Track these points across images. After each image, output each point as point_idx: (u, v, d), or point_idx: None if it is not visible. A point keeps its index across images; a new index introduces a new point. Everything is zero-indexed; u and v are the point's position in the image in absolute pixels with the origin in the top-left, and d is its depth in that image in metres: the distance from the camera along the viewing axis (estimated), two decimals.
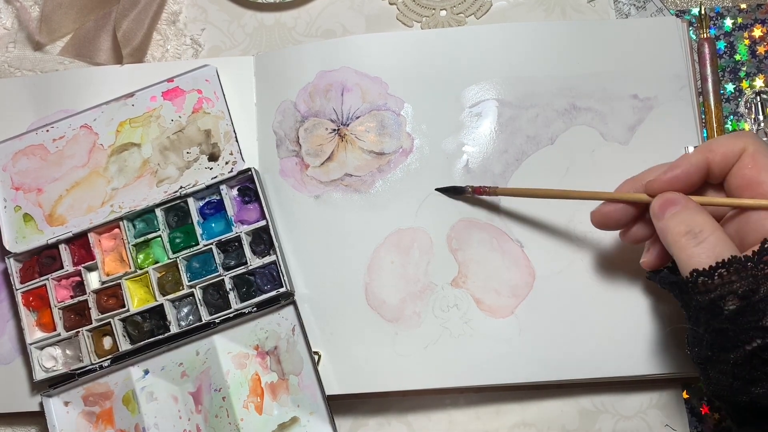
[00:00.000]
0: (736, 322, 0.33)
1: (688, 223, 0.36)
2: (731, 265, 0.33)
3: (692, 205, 0.37)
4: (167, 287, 0.50)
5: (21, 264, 0.51)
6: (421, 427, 0.50)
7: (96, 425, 0.50)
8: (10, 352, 0.52)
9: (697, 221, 0.36)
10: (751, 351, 0.33)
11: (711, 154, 0.38)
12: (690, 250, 0.35)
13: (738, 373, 0.34)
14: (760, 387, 0.33)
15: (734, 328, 0.33)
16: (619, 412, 0.49)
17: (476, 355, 0.48)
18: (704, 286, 0.34)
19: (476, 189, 0.48)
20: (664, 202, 0.38)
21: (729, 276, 0.33)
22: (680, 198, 0.37)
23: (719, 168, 0.38)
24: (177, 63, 0.55)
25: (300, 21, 0.56)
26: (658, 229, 0.38)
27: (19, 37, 0.58)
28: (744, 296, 0.33)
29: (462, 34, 0.52)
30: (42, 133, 0.52)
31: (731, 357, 0.34)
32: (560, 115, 0.50)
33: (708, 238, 0.35)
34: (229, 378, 0.49)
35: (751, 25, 0.53)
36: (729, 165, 0.38)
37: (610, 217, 0.41)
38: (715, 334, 0.34)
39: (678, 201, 0.37)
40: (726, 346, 0.34)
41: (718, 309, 0.34)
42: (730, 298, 0.33)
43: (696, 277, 0.34)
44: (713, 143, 0.38)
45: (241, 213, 0.50)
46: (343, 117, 0.51)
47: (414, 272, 0.49)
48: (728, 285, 0.33)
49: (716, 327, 0.34)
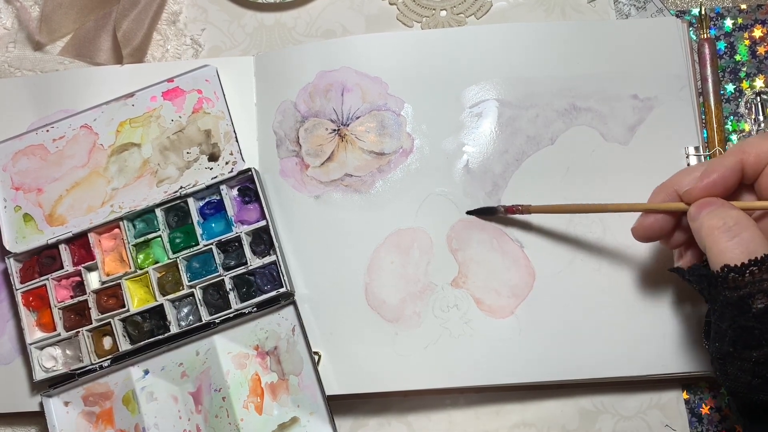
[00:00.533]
0: (763, 320, 0.33)
1: (723, 217, 0.36)
2: (764, 263, 0.33)
3: (727, 203, 0.37)
4: (167, 287, 0.50)
5: (21, 264, 0.51)
6: (421, 427, 0.50)
7: (96, 425, 0.50)
8: (10, 352, 0.52)
9: (732, 216, 0.36)
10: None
11: (744, 156, 0.38)
12: (723, 244, 0.35)
13: (759, 372, 0.34)
14: None
15: (761, 326, 0.33)
16: (619, 412, 0.49)
17: (476, 355, 0.48)
18: (734, 282, 0.34)
19: (509, 208, 0.47)
20: (700, 204, 0.38)
21: (760, 274, 0.33)
22: (716, 200, 0.37)
23: (753, 169, 0.38)
24: (177, 63, 0.55)
25: (300, 21, 0.56)
26: (694, 229, 0.37)
27: (19, 37, 0.58)
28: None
29: (462, 35, 0.52)
30: (42, 133, 0.52)
31: (754, 355, 0.34)
32: (560, 116, 0.50)
33: (742, 234, 0.35)
34: (229, 378, 0.49)
35: (752, 25, 0.53)
36: (762, 165, 0.37)
37: (653, 229, 0.41)
38: (740, 331, 0.34)
39: (714, 202, 0.37)
40: (750, 344, 0.34)
41: (746, 306, 0.34)
42: (760, 296, 0.33)
43: (727, 272, 0.34)
44: (745, 144, 0.38)
45: (241, 213, 0.50)
46: (343, 117, 0.51)
47: (414, 272, 0.49)
48: (759, 283, 0.33)
49: (742, 324, 0.34)
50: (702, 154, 0.49)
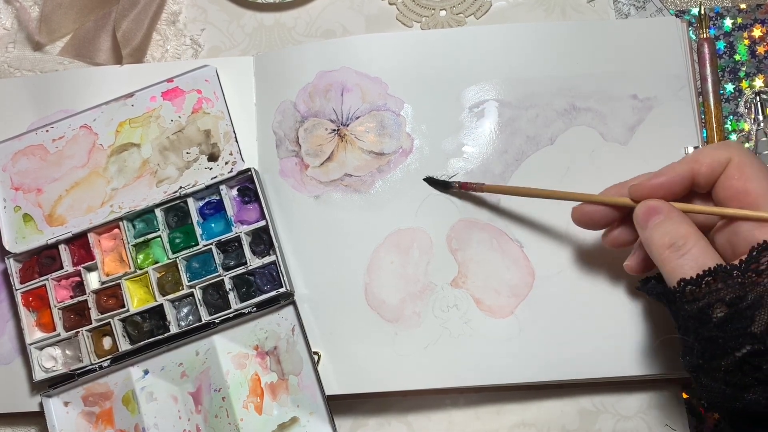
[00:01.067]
0: (724, 329, 0.33)
1: (672, 234, 0.36)
2: (717, 273, 0.34)
3: (675, 214, 0.37)
4: (167, 287, 0.50)
5: (21, 264, 0.51)
6: (421, 427, 0.50)
7: (96, 425, 0.50)
8: (10, 352, 0.52)
9: (680, 232, 0.36)
10: (741, 357, 0.33)
11: (697, 165, 0.38)
12: (674, 263, 0.36)
13: (730, 380, 0.34)
14: (753, 393, 0.33)
15: (723, 335, 0.34)
16: (619, 412, 0.49)
17: (476, 355, 0.48)
18: (692, 295, 0.34)
19: (462, 185, 0.48)
20: (647, 210, 0.38)
21: (716, 284, 0.34)
22: (663, 206, 0.38)
23: (705, 179, 0.38)
24: (177, 63, 0.55)
25: (300, 21, 0.56)
26: (643, 238, 0.38)
27: (18, 37, 0.58)
28: (731, 303, 0.33)
29: (462, 35, 0.52)
30: (42, 133, 0.52)
31: (722, 364, 0.34)
32: (560, 116, 0.50)
33: (691, 250, 0.35)
34: (229, 378, 0.49)
35: (751, 25, 0.53)
36: (715, 176, 0.38)
37: (590, 217, 0.42)
38: (705, 342, 0.34)
39: (661, 209, 0.37)
40: (716, 354, 0.34)
41: (706, 317, 0.34)
42: (718, 305, 0.34)
43: (683, 286, 0.34)
44: (699, 154, 0.38)
45: (240, 213, 0.50)
46: (342, 117, 0.51)
47: (414, 272, 0.49)
48: (715, 293, 0.34)
49: (705, 335, 0.34)
50: None
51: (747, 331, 0.33)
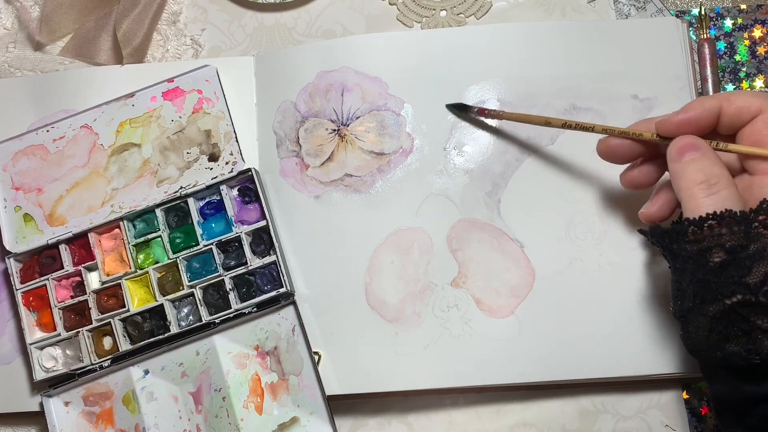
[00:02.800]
0: (720, 274, 0.34)
1: (706, 172, 0.35)
2: (722, 218, 0.34)
3: (712, 154, 0.36)
4: (167, 287, 0.50)
5: (21, 264, 0.51)
6: (421, 427, 0.50)
7: (96, 425, 0.50)
8: (10, 352, 0.52)
9: (715, 172, 0.35)
10: (730, 305, 0.33)
11: (726, 104, 0.37)
12: (700, 200, 0.35)
13: (715, 327, 0.34)
14: (735, 344, 0.34)
15: (717, 280, 0.34)
16: (619, 412, 0.49)
17: (476, 355, 0.48)
18: (693, 236, 0.34)
19: (481, 110, 0.49)
20: (684, 146, 0.37)
21: (719, 228, 0.34)
22: (702, 144, 0.37)
23: (730, 120, 0.37)
24: (177, 63, 0.55)
25: (300, 21, 0.56)
26: (673, 171, 0.37)
27: (19, 37, 0.58)
28: (730, 250, 0.33)
29: (462, 34, 0.52)
30: (42, 133, 0.52)
31: (710, 309, 0.34)
32: (560, 115, 0.50)
33: (721, 191, 0.35)
34: (229, 378, 0.49)
35: (751, 25, 0.53)
36: (742, 121, 0.37)
37: (614, 151, 0.42)
38: (698, 285, 0.35)
39: (699, 146, 0.37)
40: (707, 298, 0.34)
41: (703, 260, 0.34)
42: (717, 250, 0.34)
43: (687, 225, 0.35)
44: (732, 94, 0.37)
45: (241, 213, 0.50)
46: (343, 117, 0.51)
47: (414, 272, 0.49)
48: (717, 237, 0.34)
49: (700, 278, 0.34)
50: None
51: (742, 281, 0.33)
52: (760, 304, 0.33)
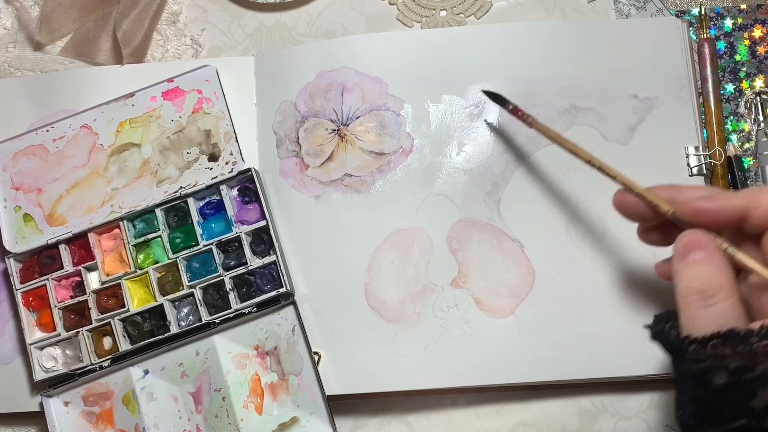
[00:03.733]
0: (723, 397, 0.32)
1: (705, 280, 0.33)
2: (726, 338, 0.31)
3: (717, 257, 0.34)
4: (167, 287, 0.50)
5: (21, 264, 0.51)
6: (421, 427, 0.50)
7: (96, 425, 0.50)
8: (10, 352, 0.52)
9: (714, 282, 0.33)
10: (733, 429, 0.31)
11: (754, 204, 0.34)
12: (695, 311, 0.33)
13: None
14: None
15: (720, 403, 0.32)
16: (619, 413, 0.49)
17: (476, 355, 0.48)
18: (695, 355, 0.32)
19: (515, 109, 0.46)
20: (690, 243, 0.35)
21: (723, 349, 0.31)
22: (708, 245, 0.34)
23: (757, 222, 0.34)
24: (177, 63, 0.55)
25: (300, 21, 0.56)
26: (674, 269, 0.35)
27: (19, 37, 0.58)
28: (735, 372, 0.31)
29: (462, 34, 0.52)
30: (42, 133, 0.52)
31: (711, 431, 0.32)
32: (560, 115, 0.50)
33: (717, 305, 0.32)
34: (229, 378, 0.49)
35: (751, 25, 0.53)
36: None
37: (629, 208, 0.39)
38: (700, 405, 0.32)
39: (705, 247, 0.34)
40: (708, 420, 0.32)
41: (706, 381, 0.32)
42: (720, 372, 0.31)
43: (688, 344, 0.32)
44: (761, 193, 0.34)
45: (241, 213, 0.50)
46: (343, 117, 0.51)
47: (414, 272, 0.49)
48: (720, 358, 0.31)
49: (702, 398, 0.32)
50: (702, 154, 0.49)
51: (746, 405, 0.31)
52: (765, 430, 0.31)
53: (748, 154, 0.52)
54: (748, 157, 0.52)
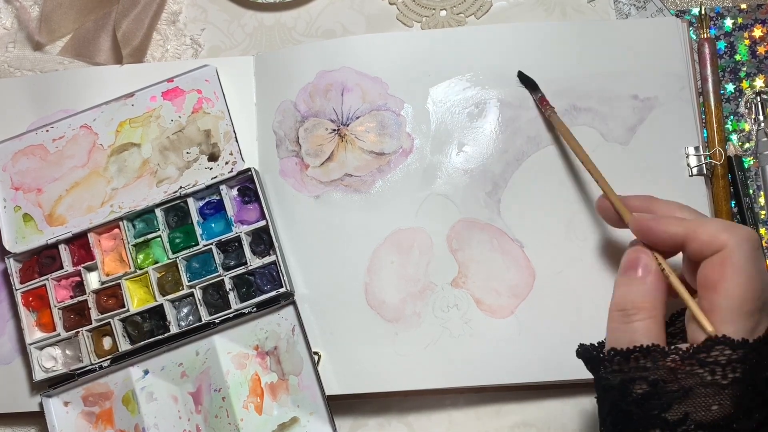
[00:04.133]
0: (640, 406, 0.33)
1: (629, 299, 0.36)
2: (648, 351, 0.33)
3: (650, 280, 0.36)
4: (167, 287, 0.50)
5: (21, 264, 0.51)
6: (421, 427, 0.50)
7: (96, 425, 0.50)
8: (10, 352, 0.52)
9: (638, 301, 0.36)
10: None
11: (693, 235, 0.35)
12: (615, 324, 0.36)
13: None
14: None
15: (638, 412, 0.33)
16: None
17: (476, 355, 0.48)
18: (618, 365, 0.34)
19: (542, 98, 0.49)
20: (630, 261, 0.37)
21: (645, 361, 0.33)
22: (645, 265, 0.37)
23: (693, 252, 0.36)
24: (177, 63, 0.55)
25: (300, 21, 0.56)
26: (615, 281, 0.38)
27: (19, 37, 0.58)
28: (654, 383, 0.33)
29: (462, 35, 0.52)
30: (42, 133, 0.52)
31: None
32: (560, 115, 0.50)
33: (635, 323, 0.35)
34: (229, 378, 0.49)
35: (752, 25, 0.53)
36: (704, 255, 0.35)
37: (606, 212, 0.42)
38: (620, 416, 0.34)
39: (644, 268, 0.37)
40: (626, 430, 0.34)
41: (626, 390, 0.34)
42: (640, 382, 0.33)
43: (613, 355, 0.34)
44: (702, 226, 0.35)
45: (241, 213, 0.50)
46: (343, 117, 0.51)
47: (414, 272, 0.49)
48: (642, 370, 0.33)
49: (623, 408, 0.34)
50: (702, 154, 0.49)
51: (661, 416, 0.33)
52: None
53: (748, 154, 0.52)
54: (748, 157, 0.52)
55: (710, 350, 0.33)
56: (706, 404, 0.32)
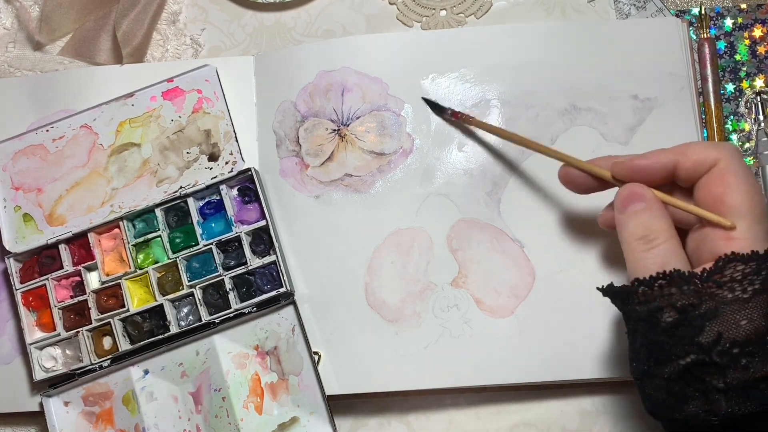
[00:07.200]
0: (672, 334, 0.33)
1: (646, 226, 0.35)
2: (672, 277, 0.33)
3: (656, 206, 0.36)
4: (167, 287, 0.50)
5: (21, 264, 0.51)
6: (421, 427, 0.50)
7: (96, 425, 0.50)
8: (10, 352, 0.52)
9: (655, 227, 0.35)
10: (684, 366, 0.33)
11: (683, 158, 0.36)
12: (638, 254, 0.35)
13: (671, 389, 0.33)
14: (693, 405, 0.33)
15: (670, 340, 0.33)
16: (619, 413, 0.49)
17: (476, 355, 0.48)
18: (644, 296, 0.34)
19: (455, 113, 0.49)
20: (630, 194, 0.37)
21: (669, 288, 0.33)
22: (647, 194, 0.37)
23: (687, 174, 0.37)
24: (177, 63, 0.55)
25: (300, 21, 0.56)
26: (617, 221, 0.37)
27: (19, 37, 0.58)
28: (682, 310, 0.33)
29: (462, 34, 0.52)
30: (42, 133, 0.52)
31: (665, 371, 0.33)
32: (560, 116, 0.50)
33: (659, 246, 0.35)
34: (229, 378, 0.49)
35: (752, 25, 0.53)
36: (698, 174, 0.36)
37: (573, 181, 0.42)
38: (652, 347, 0.34)
39: (644, 197, 0.36)
40: (661, 360, 0.34)
41: (655, 320, 0.34)
42: (668, 310, 0.33)
43: (636, 285, 0.34)
44: (688, 148, 0.37)
45: (241, 213, 0.50)
46: (343, 117, 0.51)
47: (414, 272, 0.49)
48: (667, 297, 0.33)
49: (653, 339, 0.34)
50: None
51: (694, 340, 0.33)
52: (714, 364, 0.32)
53: (748, 153, 0.52)
54: (749, 157, 0.52)
55: (723, 270, 0.33)
56: (735, 321, 0.32)
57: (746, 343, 0.32)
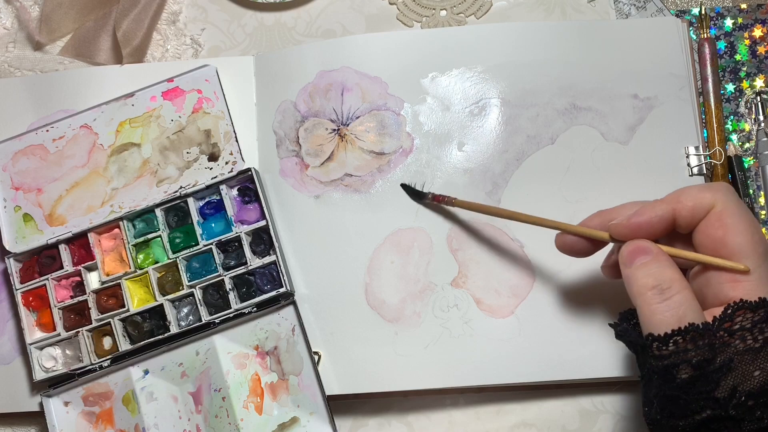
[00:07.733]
0: (688, 391, 0.33)
1: (657, 276, 0.35)
2: (687, 332, 0.33)
3: (663, 257, 0.36)
4: (167, 287, 0.50)
5: (21, 264, 0.51)
6: (421, 427, 0.50)
7: (96, 425, 0.50)
8: (10, 352, 0.52)
9: (666, 276, 0.35)
10: (700, 421, 0.33)
11: (679, 206, 0.36)
12: (654, 306, 0.34)
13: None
14: None
15: (686, 396, 0.33)
16: (619, 413, 0.49)
17: (476, 355, 0.48)
18: (659, 351, 0.33)
19: (435, 197, 0.48)
20: (635, 249, 0.36)
21: (684, 344, 0.33)
22: (652, 248, 0.36)
23: (686, 222, 0.36)
24: (177, 63, 0.55)
25: (300, 21, 0.56)
26: (625, 276, 0.36)
27: (19, 37, 0.58)
28: (698, 366, 0.32)
29: (462, 34, 0.52)
30: (42, 133, 0.52)
31: (680, 424, 0.33)
32: (561, 115, 0.50)
33: (674, 297, 0.34)
34: (229, 378, 0.49)
35: (752, 25, 0.53)
36: (696, 220, 0.36)
37: (571, 248, 0.41)
38: (666, 400, 0.34)
39: (649, 250, 0.36)
40: (675, 413, 0.33)
41: (670, 376, 0.33)
42: (684, 366, 0.33)
43: (651, 340, 0.34)
44: (682, 194, 0.36)
45: (241, 213, 0.50)
46: (343, 117, 0.51)
47: (414, 272, 0.49)
48: (683, 353, 0.33)
49: (668, 393, 0.33)
50: (702, 154, 0.49)
51: (710, 396, 0.32)
52: (730, 418, 0.32)
53: (748, 153, 0.52)
54: (749, 157, 0.52)
55: (733, 317, 0.32)
56: (748, 372, 0.32)
57: (760, 394, 0.32)
